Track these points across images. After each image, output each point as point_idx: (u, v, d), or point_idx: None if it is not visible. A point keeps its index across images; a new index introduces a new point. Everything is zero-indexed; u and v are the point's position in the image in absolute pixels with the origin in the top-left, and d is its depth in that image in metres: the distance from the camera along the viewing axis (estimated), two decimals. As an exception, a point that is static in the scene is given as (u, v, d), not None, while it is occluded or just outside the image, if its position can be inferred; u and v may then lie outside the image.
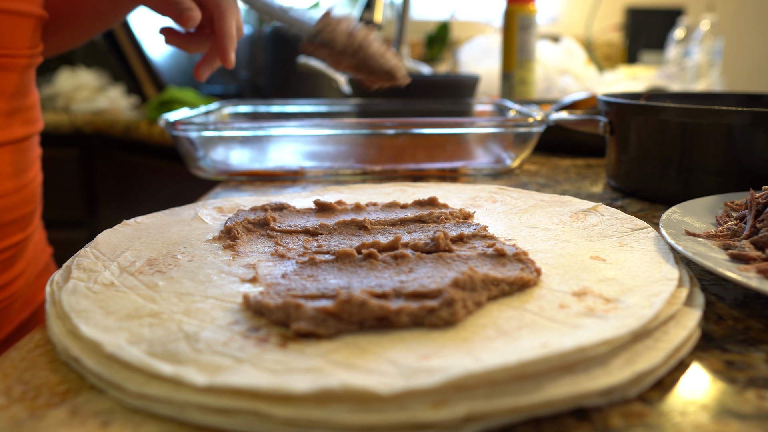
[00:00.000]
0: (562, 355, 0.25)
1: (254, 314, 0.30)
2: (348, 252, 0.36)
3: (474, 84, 1.05)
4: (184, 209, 0.50)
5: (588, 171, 0.76)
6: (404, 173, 0.72)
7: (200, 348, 0.26)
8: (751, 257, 0.35)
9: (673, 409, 0.25)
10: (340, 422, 0.23)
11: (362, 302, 0.28)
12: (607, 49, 2.36)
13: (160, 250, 0.39)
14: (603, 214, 0.46)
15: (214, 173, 0.72)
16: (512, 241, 0.41)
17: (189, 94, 1.50)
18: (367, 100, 0.98)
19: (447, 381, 0.23)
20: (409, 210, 0.48)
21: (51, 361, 0.29)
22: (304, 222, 0.45)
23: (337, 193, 0.56)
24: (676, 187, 0.56)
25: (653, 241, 0.39)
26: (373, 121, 0.71)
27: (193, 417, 0.24)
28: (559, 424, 0.24)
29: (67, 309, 0.30)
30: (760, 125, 0.51)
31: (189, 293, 0.32)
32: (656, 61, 2.13)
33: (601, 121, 0.65)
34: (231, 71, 1.70)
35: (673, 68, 1.74)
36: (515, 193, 0.54)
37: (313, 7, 1.75)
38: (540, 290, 0.32)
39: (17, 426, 0.24)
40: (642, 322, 0.28)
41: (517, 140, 0.71)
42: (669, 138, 0.56)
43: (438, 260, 0.35)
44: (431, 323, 0.28)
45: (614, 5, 2.36)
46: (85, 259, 0.37)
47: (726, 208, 0.44)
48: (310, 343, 0.27)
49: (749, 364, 0.28)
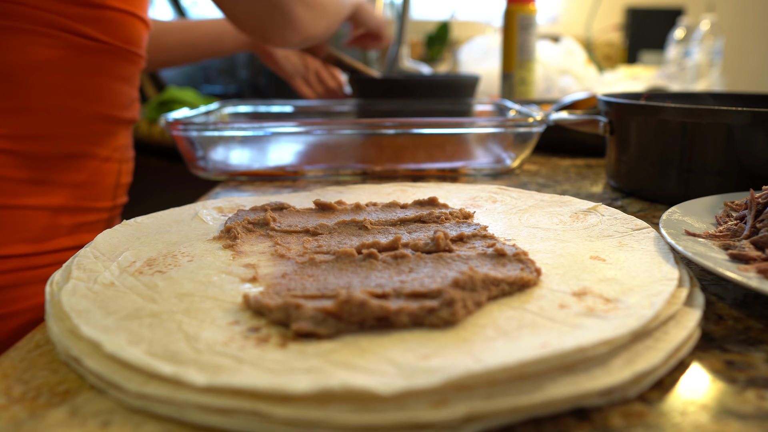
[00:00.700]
0: (562, 355, 0.25)
1: (254, 314, 0.30)
2: (348, 252, 0.36)
3: (474, 84, 1.05)
4: (184, 209, 0.50)
5: (588, 171, 0.76)
6: (404, 173, 0.72)
7: (200, 348, 0.26)
8: (751, 257, 0.35)
9: (673, 409, 0.25)
10: (340, 422, 0.23)
11: (362, 302, 0.28)
12: (607, 49, 2.36)
13: (160, 250, 0.39)
14: (603, 214, 0.46)
15: (214, 173, 0.72)
16: (512, 241, 0.41)
17: (189, 94, 1.50)
18: (367, 100, 0.98)
19: (447, 381, 0.23)
20: (409, 210, 0.48)
21: (51, 361, 0.29)
22: (304, 222, 0.45)
23: (337, 193, 0.56)
24: (676, 187, 0.56)
25: (653, 241, 0.39)
26: (373, 121, 0.71)
27: (193, 417, 0.24)
28: (559, 424, 0.24)
29: (67, 309, 0.30)
30: (760, 125, 0.51)
31: (189, 293, 0.32)
32: (656, 61, 2.13)
33: (601, 121, 0.65)
34: (231, 71, 1.71)
35: (673, 68, 1.74)
36: (515, 193, 0.54)
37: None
38: (540, 290, 0.32)
39: (17, 426, 0.24)
40: (642, 322, 0.28)
41: (517, 140, 0.71)
42: (669, 138, 0.56)
43: (438, 260, 0.35)
44: (431, 323, 0.28)
45: (614, 5, 2.36)
46: (85, 259, 0.37)
47: (726, 208, 0.44)
48: (310, 343, 0.27)
49: (749, 364, 0.28)
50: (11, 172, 0.58)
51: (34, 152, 0.59)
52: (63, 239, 0.63)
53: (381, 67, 1.66)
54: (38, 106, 0.59)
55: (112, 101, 0.66)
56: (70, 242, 0.64)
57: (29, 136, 0.59)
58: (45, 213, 0.61)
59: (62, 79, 0.60)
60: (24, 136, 0.59)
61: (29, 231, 0.59)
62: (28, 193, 0.59)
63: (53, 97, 0.60)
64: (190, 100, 1.47)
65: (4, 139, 0.57)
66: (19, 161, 0.58)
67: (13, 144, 0.58)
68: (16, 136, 0.58)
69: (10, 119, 0.58)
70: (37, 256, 0.60)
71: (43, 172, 0.60)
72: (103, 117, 0.65)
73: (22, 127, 0.58)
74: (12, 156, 0.58)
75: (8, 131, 0.58)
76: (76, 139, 0.63)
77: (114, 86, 0.66)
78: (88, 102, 0.63)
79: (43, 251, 0.61)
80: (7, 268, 0.58)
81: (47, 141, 0.60)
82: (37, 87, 0.59)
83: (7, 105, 0.58)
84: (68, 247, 0.63)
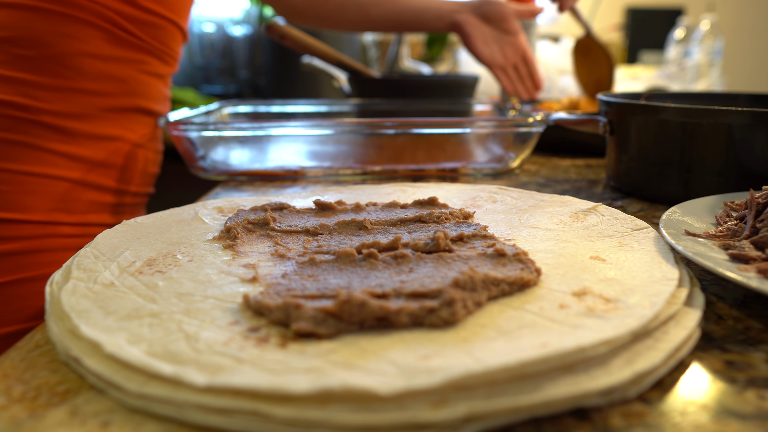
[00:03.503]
0: (562, 355, 0.25)
1: (254, 314, 0.30)
2: (348, 252, 0.36)
3: (474, 84, 1.05)
4: (184, 209, 0.50)
5: (588, 171, 0.76)
6: (404, 173, 0.72)
7: (200, 348, 0.26)
8: (751, 257, 0.35)
9: (673, 409, 0.25)
10: (340, 422, 0.23)
11: (362, 302, 0.28)
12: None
13: (160, 250, 0.39)
14: (603, 214, 0.46)
15: (214, 173, 0.72)
16: (512, 241, 0.41)
17: (189, 94, 1.50)
18: (367, 100, 0.98)
19: (447, 381, 0.23)
20: (409, 210, 0.48)
21: (51, 361, 0.29)
22: (304, 222, 0.45)
23: (337, 193, 0.56)
24: (676, 187, 0.56)
25: (653, 241, 0.39)
26: (373, 121, 0.71)
27: (193, 417, 0.24)
28: (559, 424, 0.24)
29: (67, 309, 0.30)
30: (760, 125, 0.51)
31: (189, 293, 0.32)
32: (656, 61, 2.13)
33: (601, 121, 0.65)
34: (231, 71, 1.71)
35: (673, 68, 1.74)
36: (515, 193, 0.54)
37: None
38: (540, 290, 0.32)
39: (17, 426, 0.24)
40: (642, 322, 0.28)
41: (517, 140, 0.71)
42: (669, 138, 0.56)
43: (438, 260, 0.35)
44: (431, 323, 0.28)
45: (614, 5, 2.36)
46: (85, 259, 0.37)
47: (726, 208, 0.44)
48: (310, 343, 0.27)
49: (749, 364, 0.28)
50: (49, 144, 0.64)
51: (73, 129, 0.65)
52: (88, 215, 0.68)
53: (381, 67, 1.66)
54: (83, 88, 0.66)
55: (147, 94, 0.72)
56: (94, 218, 0.68)
57: (70, 114, 0.65)
58: (67, 184, 0.65)
59: (106, 67, 0.67)
60: (66, 114, 0.65)
61: (53, 200, 0.64)
62: (58, 164, 0.65)
63: (97, 82, 0.67)
64: (190, 100, 1.47)
65: (47, 114, 0.64)
66: (57, 135, 0.64)
67: (54, 119, 0.64)
68: (58, 112, 0.64)
69: (56, 96, 0.64)
70: (59, 225, 0.65)
71: (76, 147, 0.66)
72: (138, 107, 0.71)
73: (65, 106, 0.65)
74: (52, 130, 0.64)
75: (52, 107, 0.64)
76: (112, 122, 0.69)
77: (149, 81, 0.72)
78: (126, 90, 0.69)
79: (67, 222, 0.65)
80: (27, 234, 0.63)
81: (86, 120, 0.66)
82: (84, 71, 0.66)
83: (56, 84, 0.64)
84: (92, 222, 0.68)
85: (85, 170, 0.67)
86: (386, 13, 0.97)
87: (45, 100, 0.63)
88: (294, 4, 0.95)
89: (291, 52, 1.11)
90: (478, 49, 0.99)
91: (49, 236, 0.64)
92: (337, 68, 1.05)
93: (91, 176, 0.68)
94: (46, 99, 0.63)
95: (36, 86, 0.63)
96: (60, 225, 0.65)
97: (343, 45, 1.50)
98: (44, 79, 0.63)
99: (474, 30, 0.97)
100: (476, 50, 0.99)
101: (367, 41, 1.74)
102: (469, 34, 0.98)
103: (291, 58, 1.40)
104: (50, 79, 0.64)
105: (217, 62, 1.70)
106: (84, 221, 0.67)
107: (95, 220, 0.69)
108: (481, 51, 0.99)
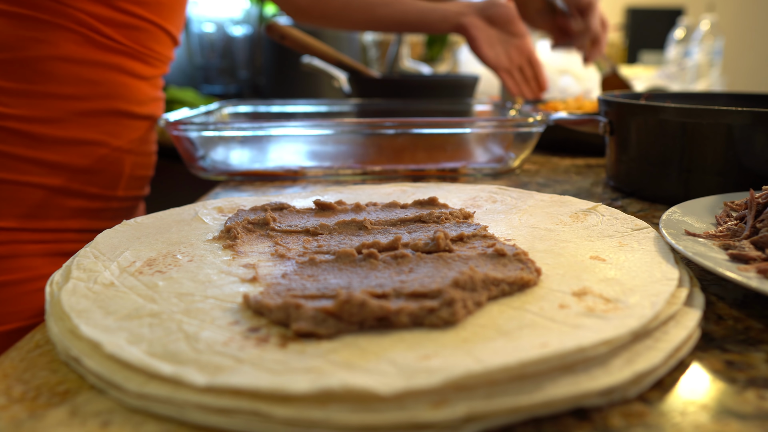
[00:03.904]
0: (562, 355, 0.25)
1: (254, 314, 0.30)
2: (348, 252, 0.36)
3: (474, 84, 1.05)
4: (184, 209, 0.50)
5: (588, 171, 0.76)
6: (404, 173, 0.72)
7: (200, 348, 0.26)
8: (751, 257, 0.35)
9: (673, 409, 0.25)
10: (340, 422, 0.23)
11: (362, 302, 0.28)
12: (607, 49, 2.36)
13: (160, 250, 0.39)
14: (603, 214, 0.46)
15: (214, 173, 0.72)
16: (512, 241, 0.41)
17: (189, 94, 1.50)
18: (367, 100, 0.98)
19: (447, 381, 0.23)
20: (409, 210, 0.48)
21: (51, 361, 0.29)
22: (304, 222, 0.45)
23: (337, 193, 0.56)
24: (676, 187, 0.56)
25: (653, 241, 0.39)
26: (373, 121, 0.71)
27: (193, 417, 0.24)
28: (559, 424, 0.24)
29: (67, 309, 0.30)
30: (760, 125, 0.51)
31: (189, 293, 0.32)
32: (656, 61, 2.13)
33: (600, 121, 0.65)
34: (231, 71, 1.71)
35: (673, 68, 1.74)
36: (515, 193, 0.54)
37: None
38: (540, 290, 0.32)
39: (17, 426, 0.24)
40: (642, 322, 0.28)
41: (517, 140, 0.71)
42: (669, 138, 0.56)
43: (438, 260, 0.35)
44: (431, 323, 0.28)
45: (614, 5, 2.36)
46: (85, 259, 0.37)
47: (726, 208, 0.44)
48: (310, 343, 0.27)
49: (749, 364, 0.28)
50: (16, 150, 0.62)
51: (42, 134, 0.63)
52: (66, 221, 0.66)
53: (381, 67, 1.66)
54: (53, 92, 0.63)
55: (128, 96, 0.70)
56: (74, 224, 0.67)
57: (38, 119, 0.63)
58: (44, 192, 0.64)
59: (79, 70, 0.65)
60: (32, 119, 0.63)
61: (26, 207, 0.63)
62: (29, 171, 0.63)
63: (68, 86, 0.64)
64: (190, 100, 1.47)
65: (13, 120, 0.62)
66: (24, 141, 0.62)
67: (21, 124, 0.62)
68: (25, 117, 0.62)
69: (22, 101, 0.62)
70: (32, 232, 0.63)
71: (47, 153, 0.64)
72: (117, 110, 0.69)
73: (32, 110, 0.63)
74: (18, 135, 0.62)
75: (18, 112, 0.62)
76: (86, 126, 0.66)
77: (130, 83, 0.70)
78: (101, 93, 0.67)
79: (40, 228, 0.64)
80: (1, 239, 0.61)
81: (56, 125, 0.64)
82: (55, 75, 0.63)
83: (23, 88, 0.62)
84: (71, 228, 0.66)
85: (66, 178, 0.65)
86: (391, 14, 0.96)
87: (10, 105, 0.61)
88: (299, 3, 0.95)
89: (291, 52, 1.11)
90: (484, 51, 0.99)
91: (20, 242, 0.63)
92: (337, 68, 1.05)
93: (74, 184, 0.66)
94: (10, 104, 0.61)
95: (1, 91, 0.61)
96: (34, 232, 0.64)
97: (343, 45, 1.50)
98: (10, 83, 0.61)
99: (479, 33, 0.97)
100: (481, 53, 0.99)
101: (367, 41, 1.74)
102: (475, 37, 0.98)
103: (291, 58, 1.40)
104: (16, 84, 0.62)
105: (217, 62, 1.70)
106: (64, 227, 0.66)
107: (76, 226, 0.67)
108: (487, 54, 0.99)
